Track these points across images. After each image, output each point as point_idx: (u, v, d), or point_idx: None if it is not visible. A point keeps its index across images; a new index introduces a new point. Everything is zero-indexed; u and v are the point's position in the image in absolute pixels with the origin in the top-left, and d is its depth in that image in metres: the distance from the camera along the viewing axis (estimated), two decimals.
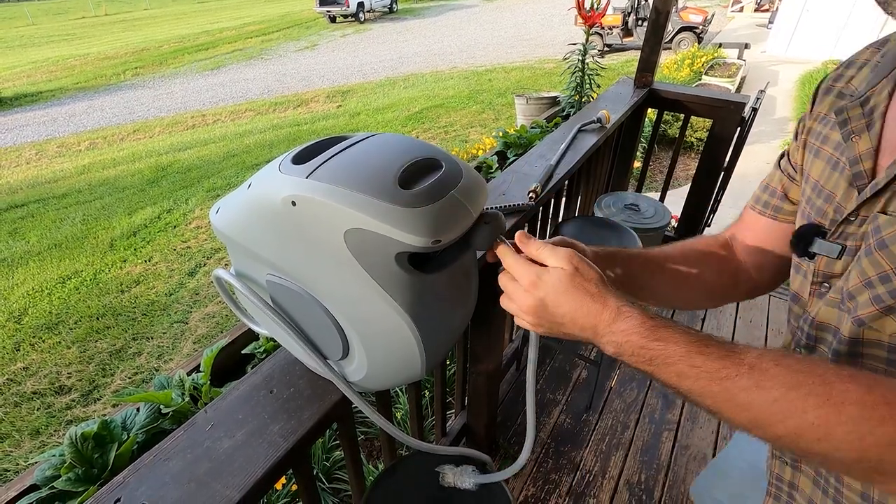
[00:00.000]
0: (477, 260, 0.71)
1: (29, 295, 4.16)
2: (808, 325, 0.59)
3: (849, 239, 0.53)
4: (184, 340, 3.58)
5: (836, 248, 0.54)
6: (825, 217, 0.57)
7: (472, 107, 8.41)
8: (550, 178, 1.42)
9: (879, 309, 0.48)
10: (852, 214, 0.52)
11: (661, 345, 0.47)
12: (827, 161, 0.59)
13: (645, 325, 0.48)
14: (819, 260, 0.57)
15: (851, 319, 0.51)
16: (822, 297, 0.57)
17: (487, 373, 1.47)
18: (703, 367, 0.44)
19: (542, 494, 1.64)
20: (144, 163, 6.85)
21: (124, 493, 0.59)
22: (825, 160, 0.60)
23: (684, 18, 10.95)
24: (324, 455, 2.02)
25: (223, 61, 13.06)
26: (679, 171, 5.64)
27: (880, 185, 0.49)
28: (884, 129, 0.52)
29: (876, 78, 0.55)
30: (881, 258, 0.47)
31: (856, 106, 0.55)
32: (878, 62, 0.57)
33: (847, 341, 0.52)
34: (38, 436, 2.88)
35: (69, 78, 11.90)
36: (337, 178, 0.52)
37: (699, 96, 2.25)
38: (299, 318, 0.66)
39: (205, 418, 0.69)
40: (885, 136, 0.52)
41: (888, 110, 0.53)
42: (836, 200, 0.56)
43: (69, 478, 1.85)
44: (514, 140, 5.20)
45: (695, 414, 1.90)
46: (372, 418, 0.71)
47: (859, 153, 0.53)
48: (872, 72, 0.57)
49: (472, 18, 18.14)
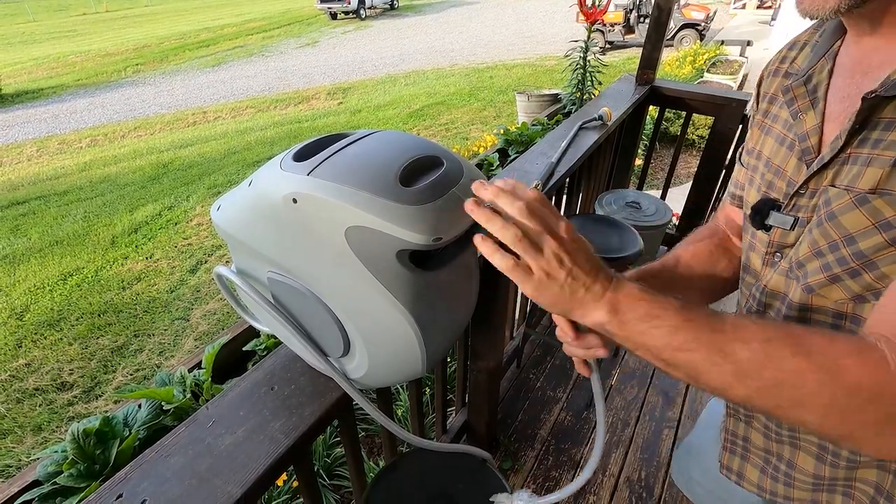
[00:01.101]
0: (478, 258, 0.71)
1: (31, 291, 4.17)
2: (760, 293, 0.63)
3: (801, 211, 0.56)
4: (185, 337, 3.59)
5: (789, 220, 0.57)
6: (779, 192, 0.60)
7: (474, 104, 8.39)
8: (552, 176, 1.42)
9: (827, 277, 0.51)
10: (802, 188, 0.55)
11: (656, 297, 0.48)
12: (776, 138, 0.62)
13: (640, 285, 0.49)
14: (774, 231, 0.60)
15: (801, 287, 0.55)
16: (774, 266, 0.61)
17: (488, 370, 1.47)
18: (694, 320, 0.46)
19: (543, 491, 1.65)
20: (146, 160, 6.85)
21: (126, 489, 0.60)
22: (775, 137, 0.63)
23: (686, 15, 10.91)
24: (325, 452, 2.02)
25: (224, 58, 13.04)
26: (680, 169, 5.63)
27: (826, 160, 0.51)
28: (826, 106, 0.55)
29: (815, 57, 0.58)
30: (830, 228, 0.50)
31: (800, 84, 0.58)
32: (816, 41, 0.60)
33: (796, 307, 0.57)
34: (40, 432, 2.90)
35: (70, 75, 11.89)
36: (338, 175, 0.52)
37: (701, 94, 2.24)
38: (300, 316, 0.66)
39: (206, 415, 0.69)
40: (828, 113, 0.55)
41: (829, 88, 0.56)
42: (787, 175, 0.59)
43: (71, 474, 1.85)
44: (515, 137, 5.19)
45: (695, 411, 1.90)
46: (373, 415, 0.72)
47: (807, 130, 0.56)
48: (813, 51, 0.59)
49: (473, 15, 18.09)
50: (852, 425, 0.42)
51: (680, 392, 1.99)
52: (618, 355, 2.15)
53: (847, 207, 0.48)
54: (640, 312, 0.47)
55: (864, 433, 0.42)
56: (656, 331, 0.46)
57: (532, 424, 1.87)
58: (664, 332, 0.46)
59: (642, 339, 0.48)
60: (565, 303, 0.50)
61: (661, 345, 0.47)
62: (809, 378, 0.41)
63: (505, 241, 0.49)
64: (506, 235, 0.48)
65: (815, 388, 0.41)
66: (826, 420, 0.42)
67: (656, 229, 2.03)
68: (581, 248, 0.50)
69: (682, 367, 0.47)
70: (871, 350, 0.41)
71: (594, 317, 0.49)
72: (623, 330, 0.48)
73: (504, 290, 1.30)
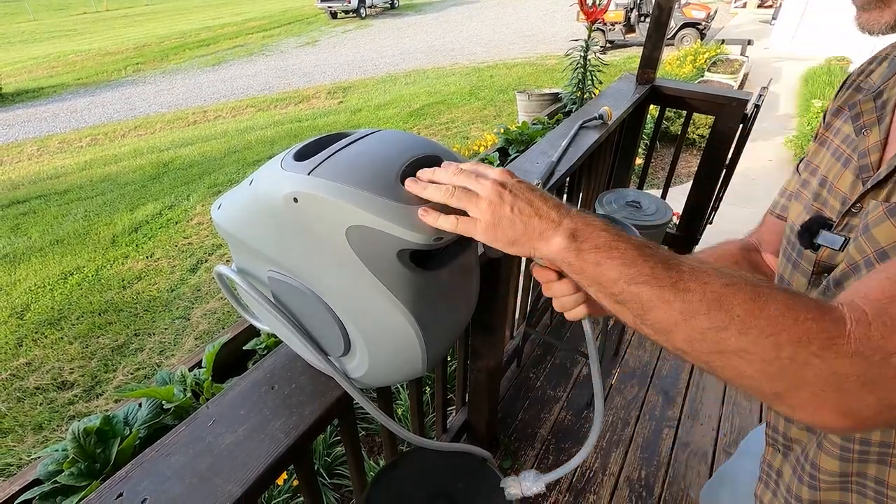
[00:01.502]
0: (478, 257, 0.71)
1: (31, 291, 4.18)
2: None
3: (852, 231, 0.53)
4: (185, 336, 3.59)
5: (839, 240, 0.54)
6: (831, 210, 0.58)
7: (474, 103, 8.38)
8: (552, 175, 1.42)
9: None
10: (854, 206, 0.53)
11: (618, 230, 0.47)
12: (833, 153, 0.60)
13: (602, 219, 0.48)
14: (822, 251, 0.57)
15: None
16: (818, 287, 0.58)
17: (488, 369, 1.47)
18: (653, 255, 0.44)
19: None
20: (146, 159, 6.85)
21: (127, 488, 0.60)
22: (832, 152, 0.60)
23: (687, 14, 10.89)
24: (325, 451, 2.02)
25: (224, 57, 13.03)
26: (681, 168, 5.62)
27: (881, 176, 0.49)
28: (893, 122, 0.53)
29: (891, 72, 0.56)
30: (864, 242, 0.48)
31: (868, 100, 0.56)
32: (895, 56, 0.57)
33: None
34: (40, 431, 2.90)
35: (70, 74, 11.89)
36: (339, 174, 0.52)
37: (701, 93, 2.24)
38: (301, 315, 0.66)
39: (206, 414, 0.69)
40: (893, 129, 0.52)
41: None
42: (841, 193, 0.57)
43: (72, 472, 1.86)
44: (515, 137, 5.19)
45: (695, 411, 1.90)
46: (373, 414, 0.72)
47: (868, 146, 0.54)
48: (889, 66, 0.57)
49: (473, 14, 18.07)
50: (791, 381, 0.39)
51: (680, 391, 1.99)
52: (618, 354, 2.15)
53: (880, 219, 0.46)
54: (599, 241, 0.46)
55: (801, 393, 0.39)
56: (611, 261, 0.45)
57: (532, 423, 1.87)
58: (619, 262, 0.45)
59: (597, 270, 0.46)
60: (522, 236, 0.49)
61: (614, 276, 0.45)
62: (759, 324, 0.39)
63: (440, 200, 0.51)
64: (439, 195, 0.51)
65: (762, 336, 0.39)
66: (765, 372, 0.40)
67: (657, 229, 2.02)
68: (523, 184, 0.50)
69: (631, 302, 0.45)
70: (833, 309, 0.39)
71: (552, 244, 0.48)
72: (579, 259, 0.47)
73: (504, 290, 1.30)
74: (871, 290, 0.40)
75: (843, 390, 0.37)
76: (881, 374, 0.36)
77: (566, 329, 2.30)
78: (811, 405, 0.39)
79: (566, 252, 0.47)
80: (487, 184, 0.50)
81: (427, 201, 0.53)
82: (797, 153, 5.72)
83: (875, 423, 0.40)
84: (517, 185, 0.50)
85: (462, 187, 0.51)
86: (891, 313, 0.37)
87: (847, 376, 0.37)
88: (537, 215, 0.48)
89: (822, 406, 0.39)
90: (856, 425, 0.40)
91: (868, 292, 0.40)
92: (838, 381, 0.37)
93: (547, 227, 0.48)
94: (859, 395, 0.37)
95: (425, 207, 0.51)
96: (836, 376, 0.37)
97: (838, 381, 0.37)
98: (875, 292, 0.40)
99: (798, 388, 0.39)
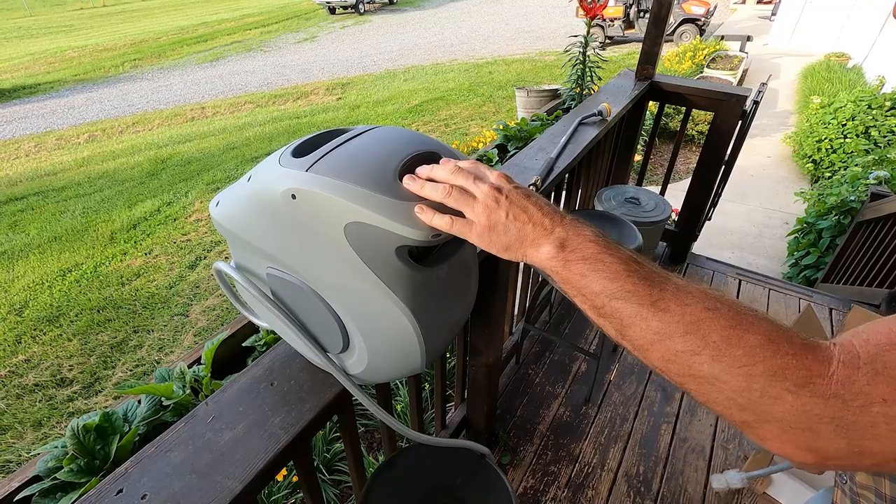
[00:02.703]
0: (477, 254, 0.71)
1: (30, 287, 4.17)
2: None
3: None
4: (184, 333, 3.59)
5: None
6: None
7: (473, 99, 8.36)
8: (551, 172, 1.42)
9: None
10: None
11: (608, 242, 0.47)
12: None
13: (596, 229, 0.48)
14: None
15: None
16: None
17: (487, 366, 1.47)
18: (637, 271, 0.44)
19: (542, 486, 1.66)
20: (144, 155, 6.83)
21: (126, 485, 0.60)
22: None
23: (686, 10, 10.87)
24: (324, 447, 2.03)
25: (222, 53, 12.97)
26: (680, 165, 5.62)
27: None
28: None
29: None
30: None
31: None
32: None
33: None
34: (40, 427, 2.90)
35: (67, 70, 11.83)
36: (337, 171, 0.52)
37: (701, 89, 2.24)
38: (299, 312, 0.66)
39: (206, 410, 0.69)
40: None
41: None
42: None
43: (71, 469, 1.86)
44: (514, 133, 5.19)
45: (693, 407, 1.91)
46: (372, 411, 0.72)
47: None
48: None
49: (472, 10, 17.99)
50: (760, 413, 0.38)
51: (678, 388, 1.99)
52: (616, 351, 2.15)
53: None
54: (587, 252, 0.46)
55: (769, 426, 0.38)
56: (595, 274, 0.45)
57: (531, 419, 1.87)
58: (603, 276, 0.45)
59: (581, 281, 0.46)
60: (515, 241, 0.50)
61: (597, 290, 0.45)
62: (734, 353, 0.38)
63: (437, 199, 0.51)
64: (436, 194, 0.51)
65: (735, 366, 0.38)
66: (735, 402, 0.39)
67: (655, 225, 2.03)
68: (520, 189, 0.50)
69: (612, 317, 0.45)
70: (819, 347, 0.38)
71: (542, 252, 0.48)
72: (566, 269, 0.47)
73: (503, 286, 1.30)
74: (874, 335, 0.38)
75: (813, 430, 0.37)
76: (857, 420, 0.35)
77: (565, 325, 2.31)
78: (778, 439, 0.39)
79: (554, 261, 0.47)
80: (485, 187, 0.51)
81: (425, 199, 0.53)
82: (795, 150, 5.73)
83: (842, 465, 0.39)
84: (513, 191, 0.51)
85: (459, 187, 0.52)
86: (886, 361, 0.35)
87: (820, 417, 0.36)
88: (531, 222, 0.49)
89: (789, 441, 0.38)
90: (822, 463, 0.38)
91: (870, 336, 0.38)
92: (809, 420, 0.36)
93: (539, 234, 0.49)
94: (830, 438, 0.36)
95: (421, 205, 0.51)
96: (807, 415, 0.36)
97: (809, 421, 0.36)
98: (877, 336, 0.38)
99: (767, 421, 0.38)
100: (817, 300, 2.41)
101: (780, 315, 2.33)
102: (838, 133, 5.07)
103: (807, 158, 5.30)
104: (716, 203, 2.66)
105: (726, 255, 3.95)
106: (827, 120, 5.33)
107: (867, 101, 5.17)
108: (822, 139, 5.15)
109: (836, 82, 7.16)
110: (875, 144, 4.73)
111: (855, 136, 4.95)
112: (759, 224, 4.46)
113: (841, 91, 6.41)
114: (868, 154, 4.40)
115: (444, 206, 0.52)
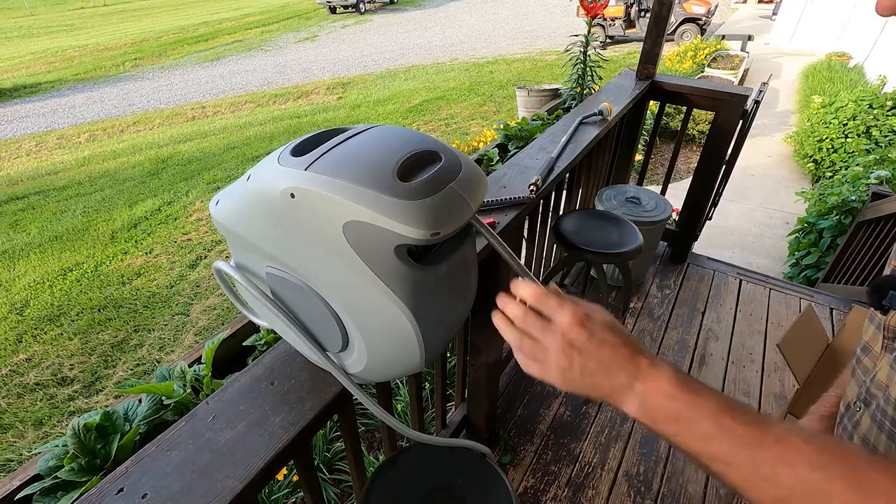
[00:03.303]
0: (476, 253, 0.71)
1: (30, 287, 4.17)
2: (870, 381, 0.54)
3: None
4: (185, 332, 3.59)
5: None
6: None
7: (473, 99, 8.36)
8: (551, 171, 1.42)
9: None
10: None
11: (691, 397, 0.43)
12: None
13: (677, 376, 0.45)
14: (892, 314, 0.51)
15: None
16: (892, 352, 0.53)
17: (487, 365, 1.47)
18: (731, 430, 0.41)
19: (542, 486, 1.66)
20: (144, 155, 6.83)
21: (127, 484, 0.60)
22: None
23: (687, 10, 10.85)
24: (325, 446, 2.03)
25: (223, 52, 12.97)
26: (680, 164, 5.62)
27: None
28: None
29: None
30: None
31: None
32: None
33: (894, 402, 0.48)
34: (40, 426, 2.90)
35: (68, 69, 11.83)
36: (336, 170, 0.52)
37: (701, 88, 2.24)
38: (299, 311, 0.66)
39: (206, 410, 0.69)
40: None
41: None
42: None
43: (72, 468, 1.86)
44: (515, 132, 5.19)
45: None
46: (372, 410, 0.72)
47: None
48: None
49: (473, 9, 17.98)
50: None
51: None
52: None
53: None
54: (671, 412, 0.43)
55: None
56: (687, 435, 0.42)
57: (531, 419, 1.87)
58: (696, 438, 0.42)
59: (675, 440, 0.43)
60: (592, 392, 0.48)
61: (695, 450, 0.42)
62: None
63: (511, 342, 0.52)
64: (511, 337, 0.52)
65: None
66: None
67: (656, 225, 2.03)
68: (594, 339, 0.47)
69: (720, 477, 0.42)
70: None
71: (626, 408, 0.46)
72: (655, 426, 0.45)
73: (503, 284, 1.30)
74: None
75: None
76: None
77: None
78: None
79: (640, 418, 0.46)
80: (557, 341, 0.48)
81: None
82: (796, 149, 5.72)
83: None
84: (587, 344, 0.47)
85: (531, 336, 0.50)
86: None
87: None
88: (607, 377, 0.47)
89: None
90: None
91: None
92: None
93: (616, 390, 0.47)
94: None
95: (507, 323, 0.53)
96: None
97: None
98: None
99: None
100: (818, 300, 2.41)
101: (780, 315, 2.33)
102: (839, 133, 5.07)
103: (808, 158, 5.29)
104: (716, 203, 2.65)
105: (727, 254, 3.95)
106: (828, 119, 5.32)
107: (868, 101, 5.17)
108: (823, 139, 5.14)
109: (837, 82, 7.15)
110: (876, 144, 4.73)
111: (856, 135, 4.94)
112: (759, 224, 4.45)
113: (842, 91, 6.40)
114: (869, 154, 4.39)
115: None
